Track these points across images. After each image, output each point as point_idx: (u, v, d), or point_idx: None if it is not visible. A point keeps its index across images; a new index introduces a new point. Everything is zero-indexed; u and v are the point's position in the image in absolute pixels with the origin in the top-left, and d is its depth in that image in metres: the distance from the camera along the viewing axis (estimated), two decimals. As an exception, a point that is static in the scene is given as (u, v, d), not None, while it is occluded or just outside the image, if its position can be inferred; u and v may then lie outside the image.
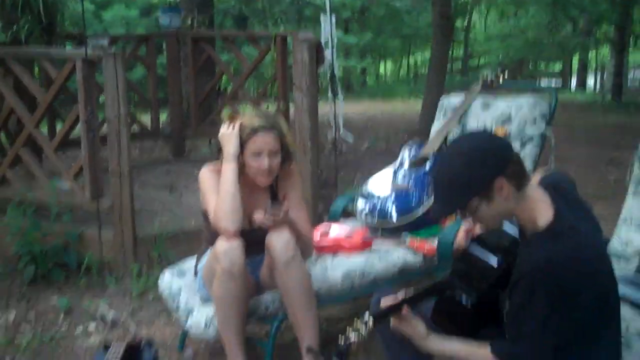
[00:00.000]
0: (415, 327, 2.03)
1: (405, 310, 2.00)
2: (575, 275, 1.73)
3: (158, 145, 7.68)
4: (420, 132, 8.08)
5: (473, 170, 1.81)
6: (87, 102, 4.13)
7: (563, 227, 1.80)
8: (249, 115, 2.82)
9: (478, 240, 2.10)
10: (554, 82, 22.89)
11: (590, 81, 23.25)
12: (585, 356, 1.86)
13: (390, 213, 3.48)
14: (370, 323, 1.94)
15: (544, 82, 22.32)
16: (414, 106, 12.36)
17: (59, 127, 5.72)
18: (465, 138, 1.96)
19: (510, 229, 2.07)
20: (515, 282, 1.81)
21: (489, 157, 1.82)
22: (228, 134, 2.80)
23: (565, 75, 23.28)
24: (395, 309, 2.02)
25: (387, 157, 3.94)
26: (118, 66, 4.02)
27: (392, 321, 2.03)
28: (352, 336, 1.90)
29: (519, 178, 1.85)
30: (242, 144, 2.77)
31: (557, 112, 3.63)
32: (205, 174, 2.85)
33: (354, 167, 6.88)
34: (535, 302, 1.75)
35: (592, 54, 23.08)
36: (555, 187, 1.94)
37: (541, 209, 1.85)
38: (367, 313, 1.97)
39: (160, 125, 7.01)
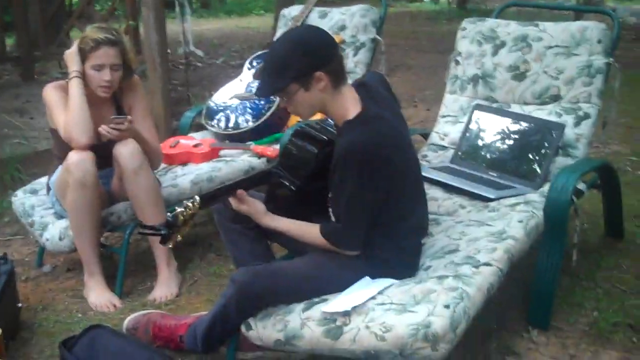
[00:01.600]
0: (254, 205, 2.18)
1: (241, 192, 2.15)
2: (379, 153, 1.93)
3: (6, 69, 7.36)
4: None
5: (297, 57, 1.95)
6: None
7: (369, 116, 1.99)
8: (92, 30, 2.84)
9: (302, 133, 2.26)
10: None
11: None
12: (395, 229, 2.09)
13: (238, 121, 3.61)
14: (197, 200, 2.07)
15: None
16: (269, 21, 12.31)
17: None
18: (301, 29, 2.09)
19: (330, 123, 2.24)
20: (332, 167, 1.99)
21: (315, 49, 1.96)
22: (70, 51, 2.83)
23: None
24: (223, 191, 2.17)
25: (241, 71, 4.04)
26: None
27: (232, 202, 2.18)
28: (179, 210, 2.02)
29: (337, 76, 2.01)
30: (85, 57, 2.80)
31: (405, 22, 3.92)
32: (50, 90, 2.85)
33: (209, 83, 6.89)
34: (347, 181, 1.94)
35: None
36: (367, 86, 2.12)
37: (352, 104, 2.03)
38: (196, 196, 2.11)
39: (7, 49, 6.72)
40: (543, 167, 2.74)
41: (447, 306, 1.85)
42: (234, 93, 3.83)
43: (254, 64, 4.00)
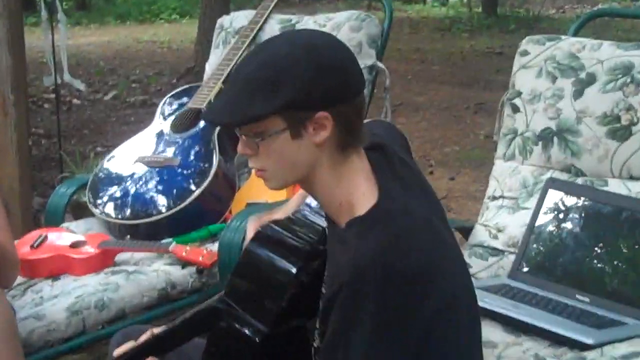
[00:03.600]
0: None
1: None
2: (413, 277, 1.78)
3: None
4: (197, 71, 8.21)
5: (305, 71, 1.79)
6: None
7: (392, 209, 1.84)
8: None
9: (268, 237, 2.11)
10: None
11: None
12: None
13: (148, 203, 3.55)
14: None
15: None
16: (188, 31, 12.41)
17: None
18: (320, 33, 2.01)
19: (316, 217, 2.11)
20: (328, 297, 1.84)
21: (336, 71, 1.82)
22: None
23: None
24: (143, 351, 2.04)
25: (146, 113, 3.97)
26: None
27: None
28: None
29: (349, 130, 1.87)
30: None
31: (403, 35, 3.91)
32: None
33: (94, 133, 6.93)
34: (358, 325, 1.78)
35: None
36: (384, 150, 1.98)
37: (362, 185, 1.88)
38: None
39: None
40: (671, 288, 2.67)
41: None
42: (139, 154, 3.75)
43: (174, 106, 3.96)
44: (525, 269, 2.91)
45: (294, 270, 1.99)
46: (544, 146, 3.13)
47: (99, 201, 3.64)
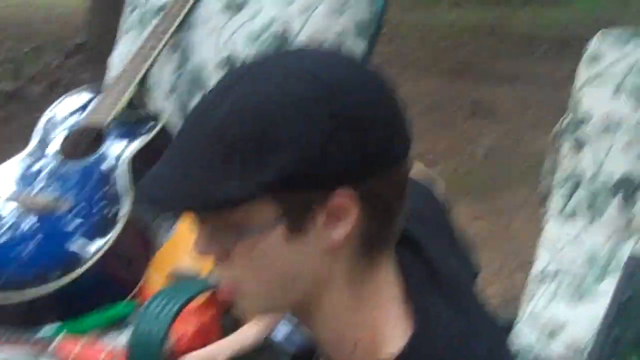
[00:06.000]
0: None
1: None
2: None
3: None
4: (92, 48, 8.41)
5: (312, 125, 1.48)
6: None
7: (438, 345, 1.60)
8: None
9: None
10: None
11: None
12: None
13: (21, 268, 3.40)
14: None
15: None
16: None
17: None
18: (329, 53, 1.74)
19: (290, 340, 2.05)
20: None
21: (364, 125, 1.51)
22: None
23: None
24: None
25: (17, 111, 3.65)
26: None
27: None
28: None
29: (384, 220, 1.58)
30: None
31: None
32: None
33: None
34: None
35: None
36: (411, 240, 1.71)
37: (392, 308, 1.63)
38: None
39: None
40: None
41: None
42: (9, 190, 3.61)
43: (66, 117, 3.80)
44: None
45: None
46: (624, 201, 2.99)
47: None
